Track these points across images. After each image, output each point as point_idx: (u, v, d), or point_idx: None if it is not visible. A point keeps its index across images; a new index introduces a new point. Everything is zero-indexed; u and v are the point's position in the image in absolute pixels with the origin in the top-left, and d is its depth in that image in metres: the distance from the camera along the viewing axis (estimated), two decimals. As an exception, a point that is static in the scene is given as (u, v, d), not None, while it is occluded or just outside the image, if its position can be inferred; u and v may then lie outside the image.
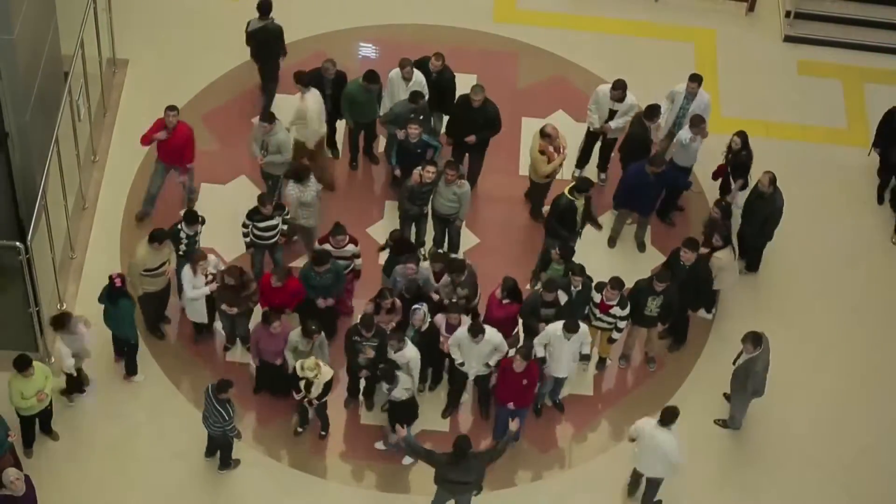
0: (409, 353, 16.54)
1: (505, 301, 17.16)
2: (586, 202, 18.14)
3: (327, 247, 17.41)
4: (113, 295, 16.82)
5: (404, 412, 16.62)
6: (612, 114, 19.20)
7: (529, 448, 17.50)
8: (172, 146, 18.45)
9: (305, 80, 18.82)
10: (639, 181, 18.50)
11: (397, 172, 18.88)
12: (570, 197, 17.96)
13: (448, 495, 16.23)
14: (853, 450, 17.75)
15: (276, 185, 18.78)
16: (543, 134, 18.74)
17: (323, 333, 16.75)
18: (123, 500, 16.76)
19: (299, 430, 17.39)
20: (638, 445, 16.34)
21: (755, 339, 16.80)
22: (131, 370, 17.58)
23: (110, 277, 16.82)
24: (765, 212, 18.34)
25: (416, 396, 16.73)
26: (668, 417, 15.97)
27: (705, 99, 19.27)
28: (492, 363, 16.86)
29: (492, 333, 16.68)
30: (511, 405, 16.67)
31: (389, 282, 17.45)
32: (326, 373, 16.48)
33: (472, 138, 18.89)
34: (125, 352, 17.41)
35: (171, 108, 18.38)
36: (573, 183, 18.11)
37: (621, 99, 19.13)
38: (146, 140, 18.51)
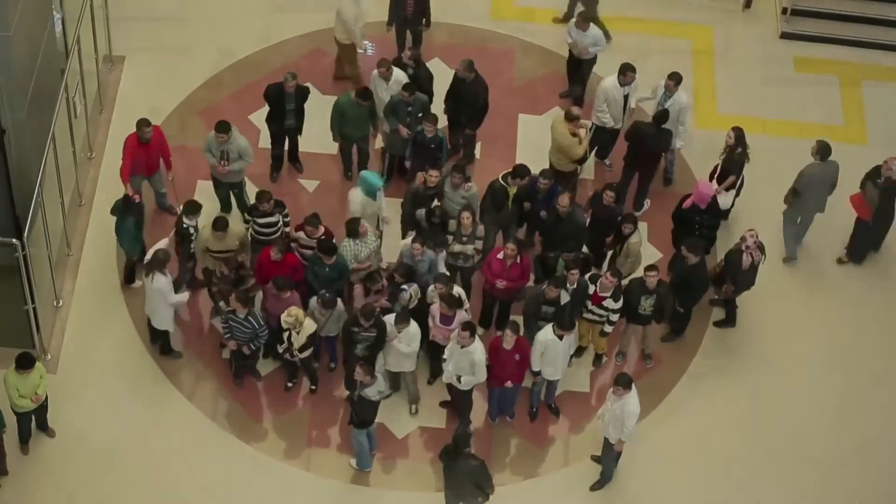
0: (412, 330, 16.66)
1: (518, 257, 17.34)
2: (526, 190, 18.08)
3: (301, 235, 17.45)
4: (124, 207, 17.46)
5: (365, 411, 16.50)
6: (626, 100, 19.17)
7: (527, 444, 17.50)
8: (152, 153, 18.15)
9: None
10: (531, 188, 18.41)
11: (408, 164, 18.95)
12: (502, 182, 18.02)
13: (454, 500, 16.18)
14: (850, 447, 17.78)
15: (241, 192, 18.64)
16: (570, 117, 18.64)
17: (341, 305, 16.99)
18: (119, 499, 16.75)
19: (289, 384, 17.50)
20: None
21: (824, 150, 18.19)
22: (130, 278, 18.27)
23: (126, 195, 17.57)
24: (567, 228, 17.98)
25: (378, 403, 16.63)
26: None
27: (682, 101, 19.09)
28: (462, 381, 16.78)
29: (476, 347, 16.57)
30: (509, 383, 16.83)
31: (403, 254, 17.45)
32: (309, 325, 16.56)
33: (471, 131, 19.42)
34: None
35: (144, 122, 17.95)
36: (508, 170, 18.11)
37: (630, 82, 19.13)
38: (127, 174, 17.97)
